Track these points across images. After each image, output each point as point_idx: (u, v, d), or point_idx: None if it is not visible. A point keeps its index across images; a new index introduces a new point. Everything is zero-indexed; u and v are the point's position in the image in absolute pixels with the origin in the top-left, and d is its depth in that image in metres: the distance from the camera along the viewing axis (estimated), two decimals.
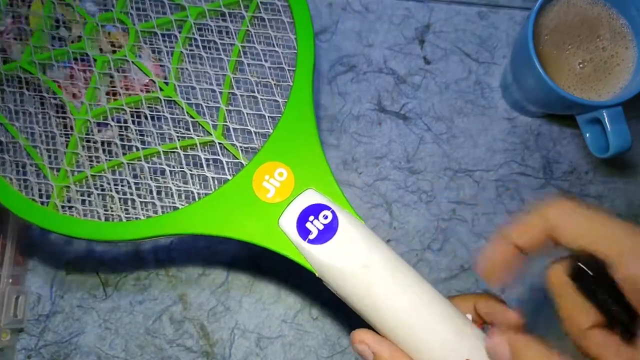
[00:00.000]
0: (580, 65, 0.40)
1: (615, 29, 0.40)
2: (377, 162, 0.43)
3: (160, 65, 0.34)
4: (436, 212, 0.43)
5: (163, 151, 0.32)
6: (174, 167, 0.32)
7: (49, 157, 0.33)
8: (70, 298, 0.41)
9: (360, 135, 0.43)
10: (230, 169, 0.31)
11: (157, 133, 0.33)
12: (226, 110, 0.33)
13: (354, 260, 0.28)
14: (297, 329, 0.41)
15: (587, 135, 0.41)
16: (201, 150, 0.32)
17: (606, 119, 0.37)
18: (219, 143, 0.32)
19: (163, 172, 0.32)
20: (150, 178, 0.32)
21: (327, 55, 0.44)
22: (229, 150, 0.32)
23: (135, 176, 0.33)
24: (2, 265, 0.39)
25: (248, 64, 0.34)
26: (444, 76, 0.44)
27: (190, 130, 0.32)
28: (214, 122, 0.32)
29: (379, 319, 0.28)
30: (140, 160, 0.32)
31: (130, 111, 0.33)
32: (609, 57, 0.40)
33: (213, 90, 0.33)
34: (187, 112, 0.32)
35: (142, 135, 0.33)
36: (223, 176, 0.31)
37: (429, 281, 0.29)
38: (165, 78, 0.34)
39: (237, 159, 0.31)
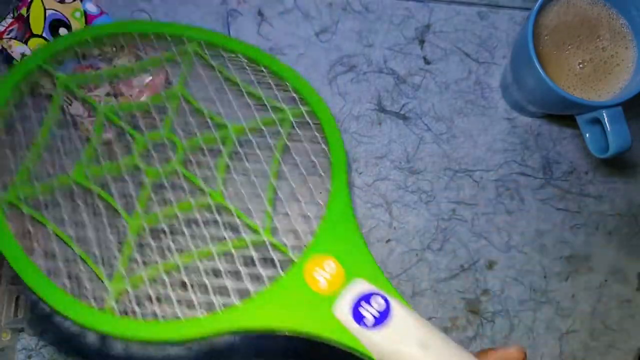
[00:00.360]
0: (580, 65, 0.40)
1: (615, 29, 0.40)
2: (377, 162, 0.43)
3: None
4: (436, 212, 0.43)
5: (216, 251, 0.34)
6: (227, 267, 0.33)
7: (103, 262, 0.34)
8: None
9: (360, 135, 0.44)
10: (282, 265, 0.33)
11: (208, 235, 0.34)
12: (272, 212, 0.35)
13: (413, 341, 0.29)
14: None
15: (587, 135, 0.41)
16: (253, 249, 0.34)
17: (606, 119, 0.37)
18: (269, 242, 0.34)
19: (217, 271, 0.33)
20: (205, 278, 0.33)
21: (327, 56, 0.44)
22: (278, 249, 0.34)
23: (190, 276, 0.34)
24: (2, 265, 0.39)
25: (289, 171, 0.36)
26: (444, 76, 0.44)
27: (240, 232, 0.34)
28: (262, 223, 0.34)
29: None
30: (195, 261, 0.33)
31: (182, 217, 0.35)
32: (609, 57, 0.40)
33: (258, 195, 0.35)
34: (236, 215, 0.35)
35: (194, 237, 0.35)
36: (275, 272, 0.33)
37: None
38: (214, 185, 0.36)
39: (287, 254, 0.33)
